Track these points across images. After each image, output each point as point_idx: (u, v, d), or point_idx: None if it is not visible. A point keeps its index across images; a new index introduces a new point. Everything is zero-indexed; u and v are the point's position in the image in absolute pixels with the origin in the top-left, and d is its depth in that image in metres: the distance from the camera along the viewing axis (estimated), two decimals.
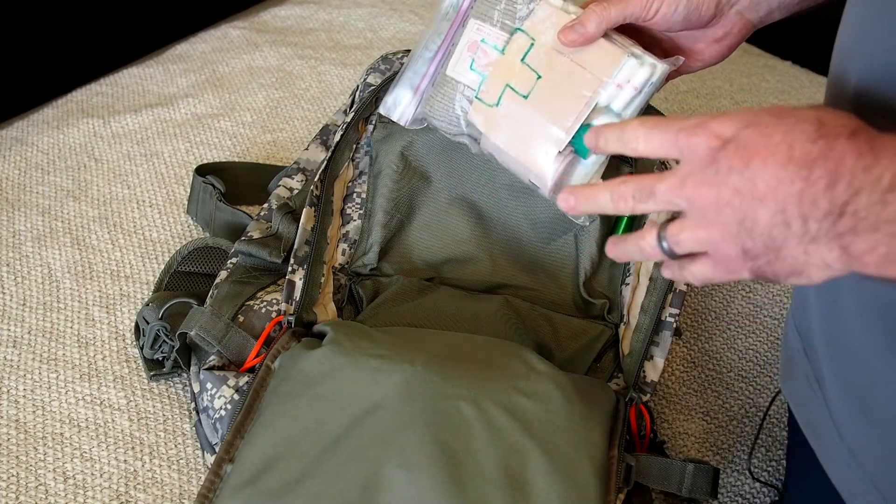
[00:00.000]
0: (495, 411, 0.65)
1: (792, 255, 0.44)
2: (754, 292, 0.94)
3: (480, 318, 0.79)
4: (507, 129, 0.66)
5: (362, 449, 0.63)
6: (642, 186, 0.49)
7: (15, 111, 1.12)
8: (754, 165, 0.43)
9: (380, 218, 0.84)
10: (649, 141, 0.49)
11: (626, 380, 0.75)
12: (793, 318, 0.64)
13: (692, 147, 0.46)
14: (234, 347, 0.74)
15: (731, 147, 0.44)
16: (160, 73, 1.21)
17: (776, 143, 0.43)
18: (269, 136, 1.10)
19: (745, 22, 0.64)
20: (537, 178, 0.66)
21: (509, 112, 0.65)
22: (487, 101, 0.67)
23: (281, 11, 1.37)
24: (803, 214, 0.42)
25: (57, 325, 0.85)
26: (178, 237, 0.95)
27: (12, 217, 0.96)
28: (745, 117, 0.45)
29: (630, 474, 0.67)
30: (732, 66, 1.29)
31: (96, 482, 0.73)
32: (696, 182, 0.45)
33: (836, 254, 0.42)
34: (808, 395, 0.59)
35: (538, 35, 0.65)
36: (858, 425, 0.54)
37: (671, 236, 0.48)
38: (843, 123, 0.42)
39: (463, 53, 0.69)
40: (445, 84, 0.70)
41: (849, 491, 0.56)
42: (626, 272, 0.83)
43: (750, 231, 0.44)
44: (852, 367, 0.54)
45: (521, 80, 0.65)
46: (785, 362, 0.65)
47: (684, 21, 0.62)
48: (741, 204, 0.44)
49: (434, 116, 0.72)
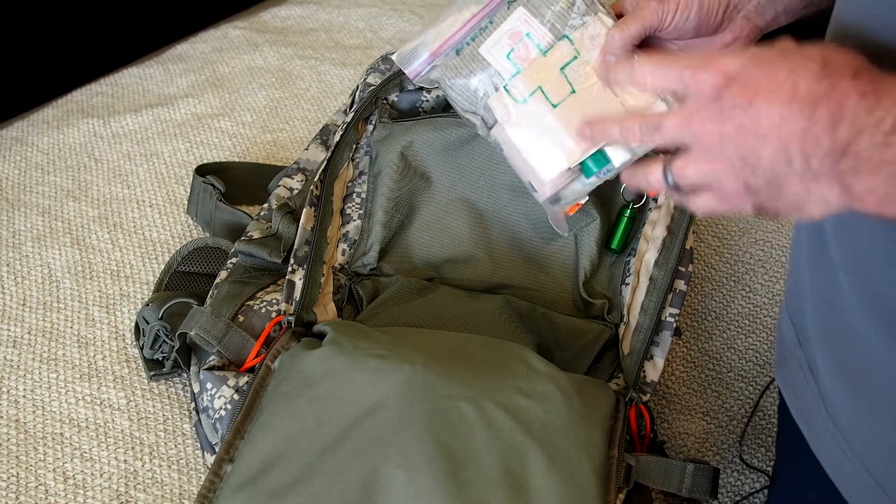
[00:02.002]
0: (495, 411, 0.65)
1: (793, 192, 0.44)
2: (754, 292, 0.94)
3: (480, 317, 0.79)
4: (525, 128, 0.67)
5: (362, 449, 0.63)
6: (649, 121, 0.50)
7: (15, 111, 1.12)
8: (758, 102, 0.44)
9: (380, 218, 0.84)
10: (655, 75, 0.50)
11: (626, 380, 0.75)
12: (787, 307, 0.64)
13: (698, 83, 0.47)
14: (234, 347, 0.74)
15: (735, 84, 0.45)
16: (160, 73, 1.21)
17: (780, 80, 0.43)
18: (269, 136, 1.10)
19: (752, 27, 0.65)
20: (538, 184, 0.67)
21: (533, 113, 0.66)
22: (515, 96, 0.67)
23: (281, 11, 1.37)
24: (805, 152, 0.43)
25: (57, 325, 0.85)
26: (178, 237, 0.95)
27: (12, 217, 0.96)
28: (750, 54, 0.45)
29: (630, 474, 0.67)
30: None
31: (96, 482, 0.73)
32: (702, 118, 0.46)
33: (837, 192, 0.43)
34: (801, 383, 0.60)
35: (584, 50, 0.66)
36: (851, 410, 0.55)
37: (677, 170, 0.49)
38: (847, 63, 0.42)
39: (503, 39, 0.69)
40: (475, 61, 0.70)
41: (839, 474, 0.57)
42: (625, 272, 0.83)
43: (753, 167, 0.45)
44: (846, 353, 0.54)
45: (555, 89, 0.66)
46: (779, 351, 0.66)
47: (696, 28, 0.63)
48: (745, 140, 0.44)
49: (451, 86, 0.71)
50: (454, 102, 0.72)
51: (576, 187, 0.66)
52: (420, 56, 0.72)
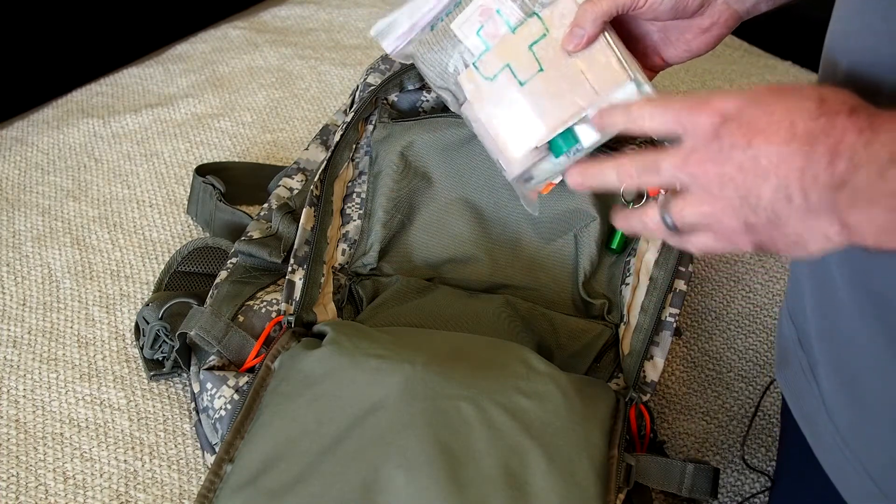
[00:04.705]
0: (495, 411, 0.65)
1: (793, 229, 0.45)
2: (754, 292, 0.94)
3: (480, 317, 0.79)
4: (493, 106, 0.66)
5: (362, 449, 0.63)
6: (647, 163, 0.50)
7: (15, 111, 1.12)
8: (757, 142, 0.44)
9: (380, 217, 0.84)
10: (653, 118, 0.50)
11: (626, 380, 0.75)
12: (787, 308, 0.64)
13: (695, 123, 0.47)
14: (234, 347, 0.74)
15: (733, 124, 0.45)
16: (160, 73, 1.21)
17: (778, 120, 0.44)
18: (269, 136, 1.10)
19: (731, 12, 0.64)
20: (506, 162, 0.66)
21: (501, 91, 0.65)
22: (483, 73, 0.66)
23: (281, 11, 1.37)
24: (804, 188, 0.43)
25: (57, 325, 0.85)
26: (178, 237, 0.95)
27: (12, 217, 0.96)
28: (747, 94, 0.46)
29: (630, 474, 0.67)
30: (733, 66, 1.29)
31: (96, 482, 0.73)
32: (700, 158, 0.46)
33: (836, 228, 0.43)
34: (802, 384, 0.60)
35: (553, 28, 0.64)
36: (851, 412, 0.55)
37: (676, 212, 0.49)
38: (842, 100, 0.43)
39: (474, 15, 0.68)
40: (446, 37, 0.69)
41: (841, 477, 0.57)
42: (625, 272, 0.83)
43: (754, 206, 0.45)
44: (845, 354, 0.54)
45: (523, 66, 0.64)
46: (779, 352, 0.66)
47: (672, 10, 0.63)
48: (744, 180, 0.45)
49: (424, 62, 0.70)
50: (428, 78, 0.70)
51: (545, 167, 0.65)
52: (396, 30, 0.70)
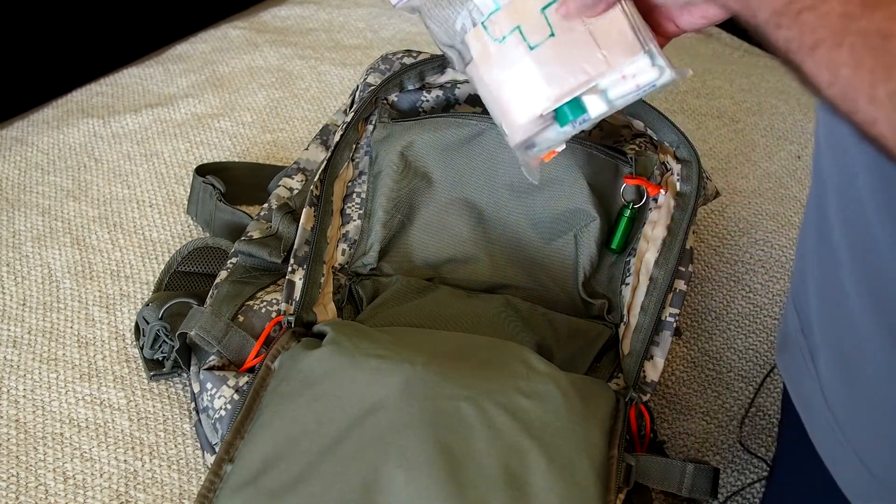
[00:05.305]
0: (495, 411, 0.65)
1: None
2: (754, 292, 0.94)
3: (480, 317, 0.79)
4: (500, 69, 0.64)
5: (362, 449, 0.63)
6: None
7: (15, 111, 1.12)
8: None
9: (380, 217, 0.84)
10: None
11: (626, 380, 0.75)
12: (792, 297, 0.64)
13: None
14: (234, 347, 0.74)
15: None
16: (160, 73, 1.21)
17: None
18: (269, 136, 1.10)
19: None
20: (509, 128, 0.64)
21: (510, 54, 0.63)
22: (492, 34, 0.64)
23: (281, 11, 1.37)
24: None
25: (57, 325, 0.85)
26: (178, 237, 0.95)
27: (12, 217, 0.96)
28: None
29: (630, 474, 0.67)
30: (732, 66, 1.29)
31: (96, 482, 0.73)
32: None
33: None
34: (801, 370, 0.60)
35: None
36: (845, 397, 0.55)
37: None
38: None
39: None
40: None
41: (835, 463, 0.57)
42: (625, 272, 0.83)
43: None
44: (845, 342, 0.55)
45: (534, 30, 0.62)
46: (781, 337, 0.66)
47: None
48: None
49: (430, 17, 0.67)
50: (433, 34, 0.68)
51: (549, 135, 0.63)
52: None
